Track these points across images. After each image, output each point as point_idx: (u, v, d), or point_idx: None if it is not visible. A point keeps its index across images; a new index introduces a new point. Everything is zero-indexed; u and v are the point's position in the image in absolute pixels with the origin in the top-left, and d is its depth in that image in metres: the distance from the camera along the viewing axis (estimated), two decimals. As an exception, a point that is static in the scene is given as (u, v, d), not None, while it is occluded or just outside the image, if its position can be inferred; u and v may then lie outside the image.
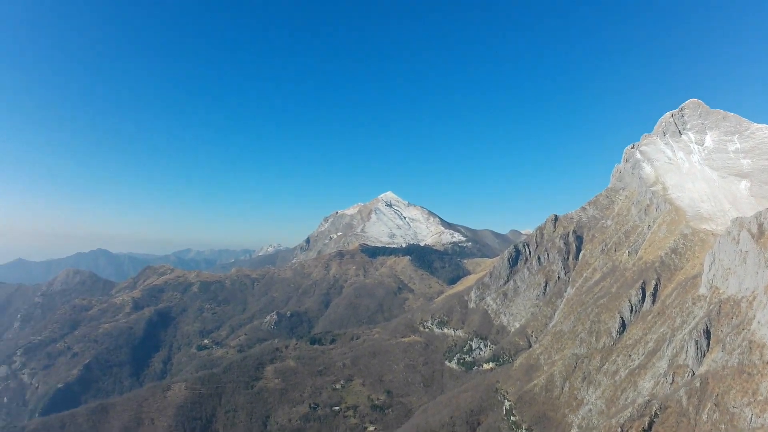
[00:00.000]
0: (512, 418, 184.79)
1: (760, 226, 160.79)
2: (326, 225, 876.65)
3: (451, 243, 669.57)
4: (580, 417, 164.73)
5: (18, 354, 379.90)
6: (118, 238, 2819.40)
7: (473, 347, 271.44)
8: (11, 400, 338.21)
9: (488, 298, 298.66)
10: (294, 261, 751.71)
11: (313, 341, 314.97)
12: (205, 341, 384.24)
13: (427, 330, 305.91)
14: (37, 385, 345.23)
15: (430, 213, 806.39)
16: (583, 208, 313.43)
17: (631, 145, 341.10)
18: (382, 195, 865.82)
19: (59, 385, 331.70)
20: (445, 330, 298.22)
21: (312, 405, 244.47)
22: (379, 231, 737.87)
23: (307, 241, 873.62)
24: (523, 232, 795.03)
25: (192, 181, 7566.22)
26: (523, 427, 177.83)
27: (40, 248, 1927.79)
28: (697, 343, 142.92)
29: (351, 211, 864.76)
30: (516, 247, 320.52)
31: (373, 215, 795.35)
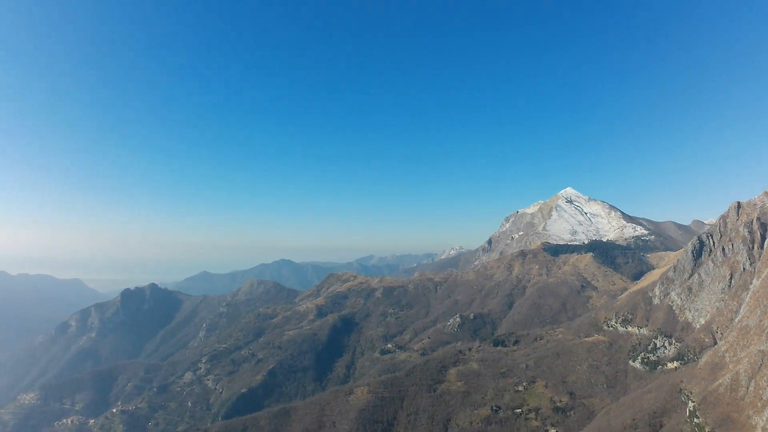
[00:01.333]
0: (695, 420, 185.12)
1: None
2: (507, 225, 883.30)
3: (633, 237, 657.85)
4: (765, 419, 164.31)
5: (203, 361, 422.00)
6: (301, 248, 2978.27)
7: (657, 345, 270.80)
8: (195, 404, 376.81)
9: (672, 294, 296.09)
10: (476, 263, 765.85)
11: (496, 343, 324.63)
12: (389, 345, 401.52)
13: (610, 329, 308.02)
14: (221, 390, 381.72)
15: (611, 207, 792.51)
16: (767, 193, 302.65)
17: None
18: (561, 191, 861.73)
19: (243, 390, 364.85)
20: (629, 328, 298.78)
21: (494, 408, 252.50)
22: (561, 228, 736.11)
23: (489, 242, 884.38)
24: (706, 221, 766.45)
25: (373, 188, 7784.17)
26: (707, 429, 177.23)
27: (225, 261, 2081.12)
28: None
29: (531, 209, 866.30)
30: (699, 239, 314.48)
31: (553, 212, 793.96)
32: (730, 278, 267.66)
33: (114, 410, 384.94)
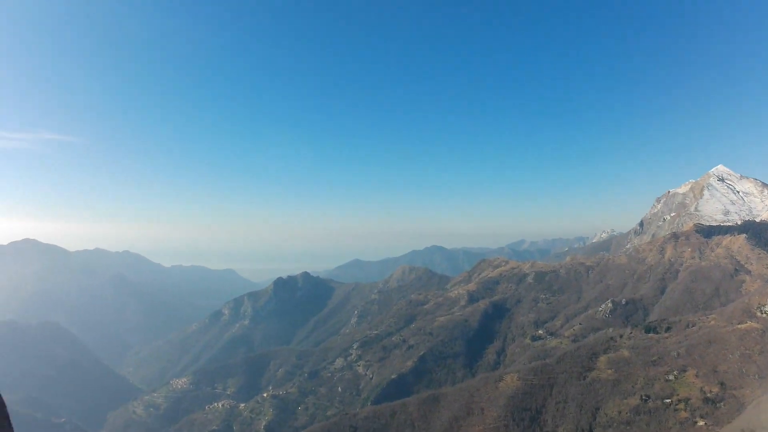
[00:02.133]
0: None
1: None
2: (659, 206, 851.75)
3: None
4: None
5: (354, 347, 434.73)
6: (452, 233, 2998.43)
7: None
8: (345, 389, 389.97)
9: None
10: (628, 246, 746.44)
11: (647, 330, 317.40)
12: (539, 332, 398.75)
13: (764, 315, 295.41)
14: (371, 375, 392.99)
15: (764, 185, 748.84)
16: None
17: None
18: (713, 169, 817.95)
19: (393, 376, 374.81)
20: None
21: (643, 397, 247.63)
22: (713, 208, 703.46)
23: (641, 224, 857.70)
24: None
25: (523, 171, 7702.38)
26: None
27: (376, 249, 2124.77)
28: None
29: (682, 189, 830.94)
30: None
31: (705, 192, 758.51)
32: None
33: (264, 395, 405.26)
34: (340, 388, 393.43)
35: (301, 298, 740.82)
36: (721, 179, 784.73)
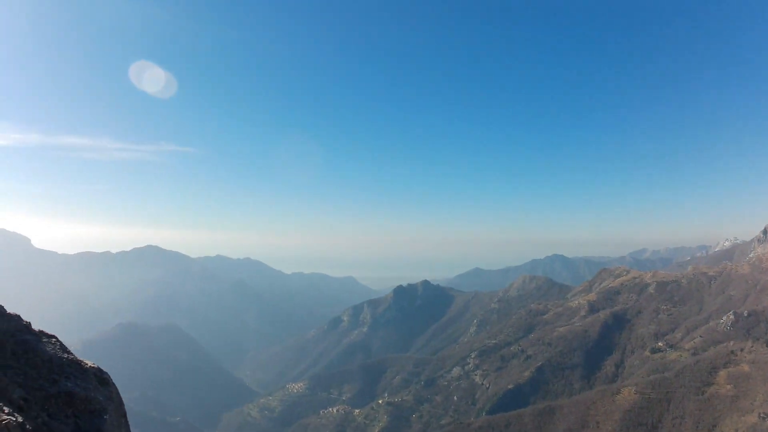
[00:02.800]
0: None
1: None
2: None
3: None
4: None
5: (472, 356, 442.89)
6: (573, 242, 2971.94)
7: None
8: (461, 398, 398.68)
9: None
10: (751, 255, 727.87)
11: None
12: (659, 344, 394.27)
13: None
14: (487, 385, 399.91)
15: None
16: None
17: None
18: None
19: (509, 386, 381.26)
20: None
21: (761, 415, 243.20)
22: None
23: (764, 231, 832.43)
24: None
25: (644, 176, 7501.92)
26: None
27: (497, 257, 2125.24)
28: None
29: None
30: None
31: None
32: None
33: (380, 401, 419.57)
34: (455, 397, 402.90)
35: (420, 306, 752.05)
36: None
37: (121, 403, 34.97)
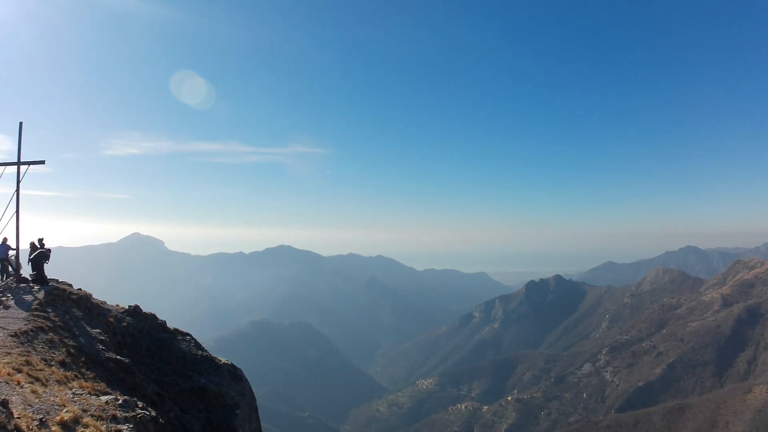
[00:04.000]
0: None
1: None
2: None
3: None
4: None
5: (603, 352, 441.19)
6: (706, 233, 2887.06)
7: None
8: (590, 396, 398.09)
9: None
10: None
11: None
12: None
13: None
14: (617, 382, 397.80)
15: None
16: None
17: None
18: None
19: (639, 384, 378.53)
20: None
21: None
22: None
23: None
24: None
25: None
26: None
27: (629, 250, 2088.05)
28: None
29: None
30: None
31: None
32: None
33: (509, 398, 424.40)
34: (585, 395, 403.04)
35: (552, 301, 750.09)
36: None
37: (253, 398, 41.76)
